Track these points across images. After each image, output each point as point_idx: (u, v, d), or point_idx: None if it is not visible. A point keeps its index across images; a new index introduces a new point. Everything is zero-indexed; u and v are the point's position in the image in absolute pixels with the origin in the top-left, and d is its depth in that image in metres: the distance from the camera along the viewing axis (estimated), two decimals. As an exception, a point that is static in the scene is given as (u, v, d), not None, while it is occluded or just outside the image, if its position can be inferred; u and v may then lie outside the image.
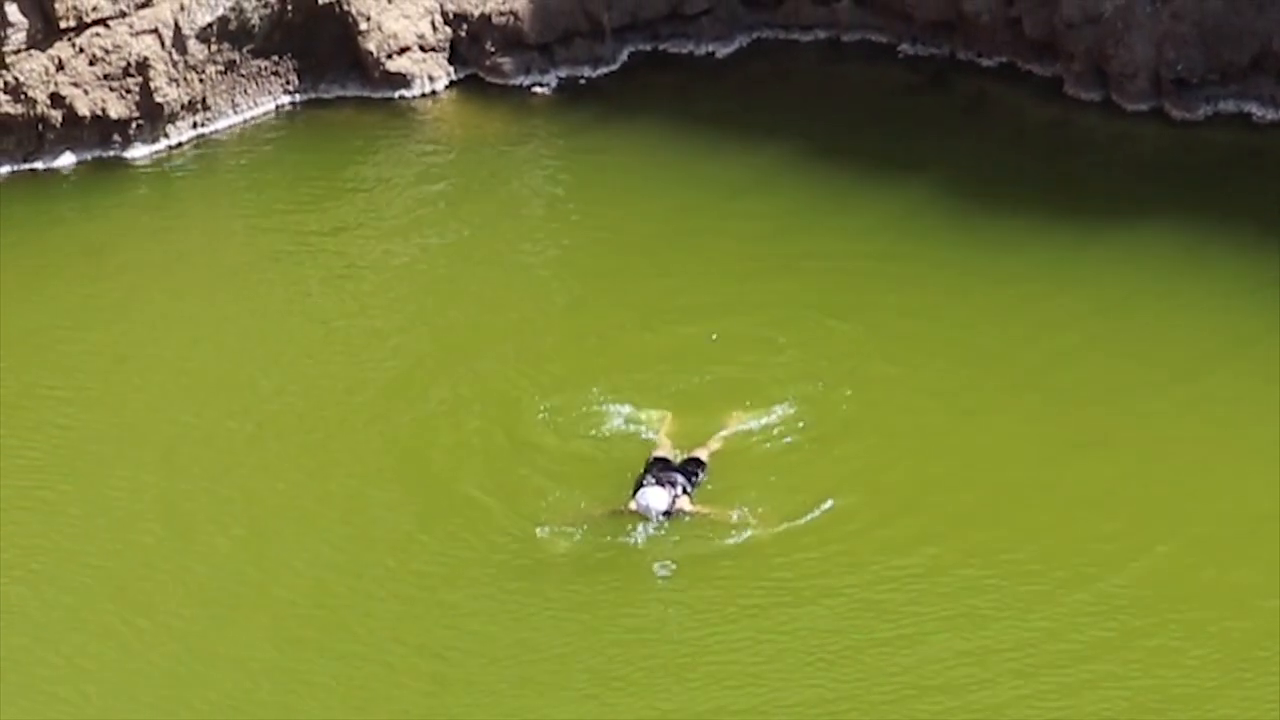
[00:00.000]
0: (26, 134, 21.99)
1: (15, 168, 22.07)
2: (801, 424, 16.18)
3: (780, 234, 20.04)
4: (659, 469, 14.60)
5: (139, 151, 22.56)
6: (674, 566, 14.48)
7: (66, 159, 22.29)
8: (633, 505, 14.38)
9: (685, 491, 14.46)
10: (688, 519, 14.47)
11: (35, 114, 21.86)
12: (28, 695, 14.00)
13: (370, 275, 19.84)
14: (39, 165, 22.17)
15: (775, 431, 16.05)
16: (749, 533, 14.57)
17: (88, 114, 22.05)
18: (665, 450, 15.00)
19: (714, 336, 17.72)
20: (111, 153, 22.43)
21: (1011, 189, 20.18)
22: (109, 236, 21.17)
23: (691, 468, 14.80)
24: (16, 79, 21.66)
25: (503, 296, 19.22)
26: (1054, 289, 18.47)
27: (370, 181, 22.11)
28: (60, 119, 21.98)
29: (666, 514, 14.30)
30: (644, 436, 15.80)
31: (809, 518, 14.82)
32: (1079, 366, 17.18)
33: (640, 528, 14.55)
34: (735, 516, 14.57)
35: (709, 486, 15.21)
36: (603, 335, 18.35)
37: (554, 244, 20.54)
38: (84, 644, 14.54)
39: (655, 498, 14.28)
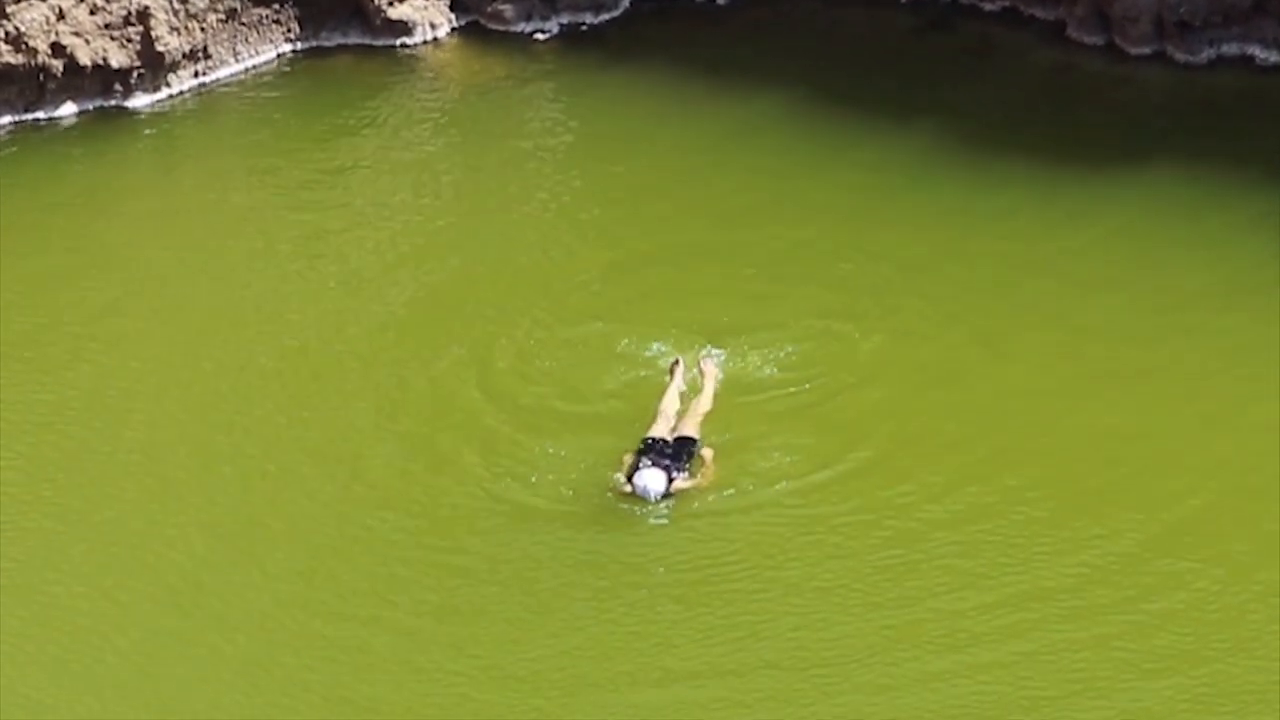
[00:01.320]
0: (28, 84, 21.90)
1: (17, 118, 22.00)
2: (814, 370, 16.21)
3: (782, 178, 20.02)
4: (654, 451, 14.56)
5: (140, 101, 22.49)
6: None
7: (68, 109, 22.22)
8: (628, 488, 14.39)
9: (680, 471, 14.43)
10: (682, 491, 14.45)
11: (36, 64, 21.76)
12: (38, 623, 14.02)
13: (372, 220, 19.79)
14: (40, 115, 22.09)
15: (777, 377, 16.11)
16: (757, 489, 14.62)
17: (89, 63, 21.97)
18: (661, 428, 14.87)
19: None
20: (113, 102, 22.37)
21: (1015, 133, 20.20)
22: (111, 185, 21.13)
23: (684, 446, 14.75)
24: (17, 28, 21.56)
25: (505, 240, 19.20)
26: (1058, 231, 18.48)
27: (371, 129, 22.04)
28: (61, 68, 21.88)
29: (665, 495, 14.31)
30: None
31: (817, 475, 14.77)
32: (1085, 306, 17.19)
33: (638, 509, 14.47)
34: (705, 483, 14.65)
35: (727, 436, 15.20)
36: (604, 278, 18.29)
37: (556, 188, 20.45)
38: (95, 576, 14.50)
39: (653, 480, 14.27)
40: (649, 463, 14.35)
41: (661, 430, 14.86)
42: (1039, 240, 18.40)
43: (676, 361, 15.80)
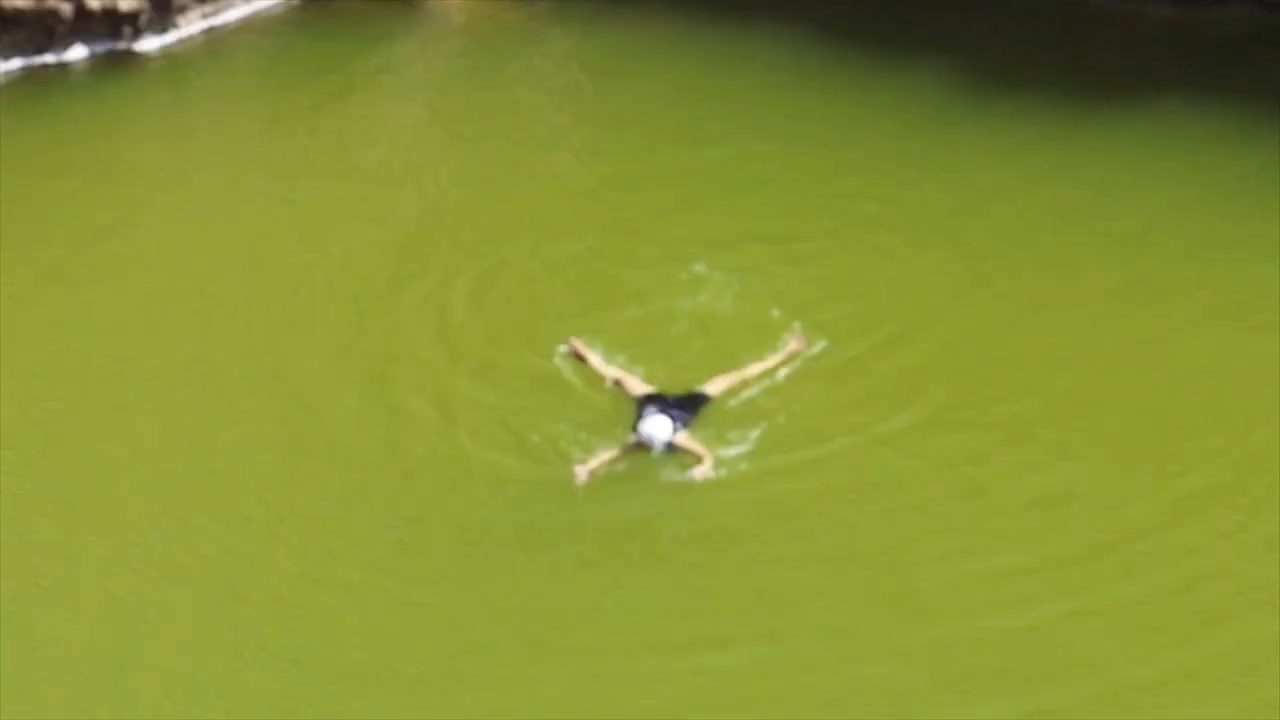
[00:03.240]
0: (37, 28, 21.90)
1: (27, 61, 22.01)
2: (835, 321, 15.85)
3: (793, 116, 20.00)
4: (657, 402, 14.13)
5: (149, 44, 22.53)
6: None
7: (77, 52, 22.24)
8: (633, 438, 13.91)
9: (685, 425, 13.97)
10: (683, 450, 13.96)
11: (45, 7, 21.77)
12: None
13: (378, 162, 19.77)
14: (50, 59, 22.12)
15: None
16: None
17: (98, 7, 21.98)
18: (642, 386, 14.46)
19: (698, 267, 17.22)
20: (122, 45, 22.40)
21: (1024, 69, 20.19)
22: (120, 127, 21.10)
23: (694, 400, 14.31)
24: (26, -27, 21.62)
25: (513, 184, 19.09)
26: (1068, 166, 18.45)
27: (379, 71, 22.10)
28: (70, 12, 21.90)
29: (669, 445, 13.89)
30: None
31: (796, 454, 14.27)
32: (1096, 243, 17.13)
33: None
34: (710, 464, 13.95)
35: (732, 403, 14.69)
36: (613, 231, 18.00)
37: (564, 130, 20.44)
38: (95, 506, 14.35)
39: (659, 427, 13.83)
40: (654, 410, 13.97)
41: (643, 388, 14.44)
42: (1048, 178, 18.35)
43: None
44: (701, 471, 13.86)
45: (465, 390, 15.21)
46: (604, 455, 13.98)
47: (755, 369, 14.92)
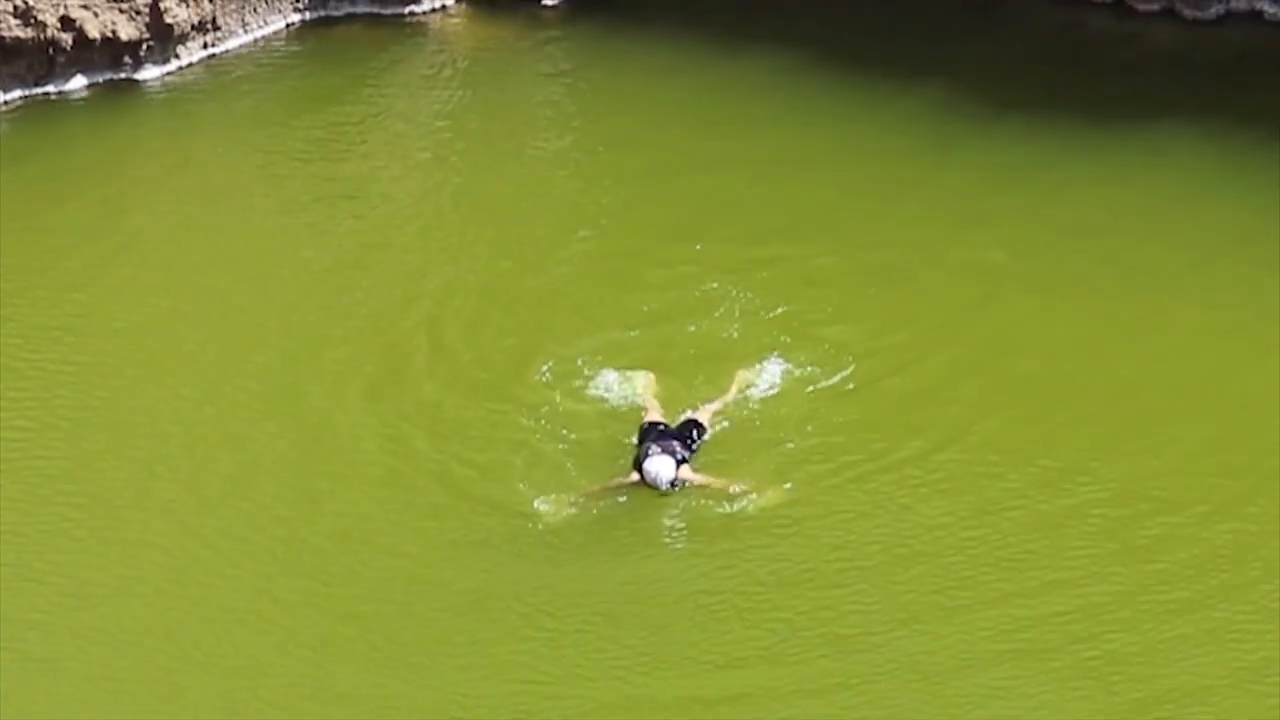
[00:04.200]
0: (37, 58, 21.87)
1: (27, 92, 21.97)
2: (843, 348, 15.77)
3: (792, 138, 20.03)
4: (658, 436, 13.73)
5: (150, 73, 22.50)
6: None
7: (78, 82, 22.21)
8: (635, 476, 13.58)
9: (684, 460, 13.57)
10: (691, 486, 13.69)
11: (46, 37, 21.72)
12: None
13: (380, 188, 19.75)
14: (50, 89, 22.06)
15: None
16: (750, 501, 13.72)
17: (98, 36, 21.94)
18: (656, 414, 14.24)
19: (698, 247, 17.50)
20: (123, 75, 22.37)
21: (1025, 90, 20.19)
22: (121, 157, 20.99)
23: (689, 431, 13.95)
24: (26, 2, 21.49)
25: (514, 207, 19.04)
26: (1071, 188, 18.46)
27: (381, 97, 22.02)
28: (70, 42, 21.86)
29: (673, 484, 13.46)
30: (630, 400, 14.97)
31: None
32: (1104, 263, 17.16)
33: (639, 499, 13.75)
34: (736, 489, 13.71)
35: (721, 457, 14.31)
36: (616, 254, 17.95)
37: (566, 154, 20.44)
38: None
39: (663, 466, 13.42)
40: (656, 450, 13.51)
41: (655, 416, 14.22)
42: (1049, 199, 18.38)
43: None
44: (687, 473, 13.64)
45: (460, 413, 15.17)
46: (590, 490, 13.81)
47: (733, 393, 14.78)
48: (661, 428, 13.98)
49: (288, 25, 23.29)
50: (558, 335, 16.24)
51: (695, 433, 14.04)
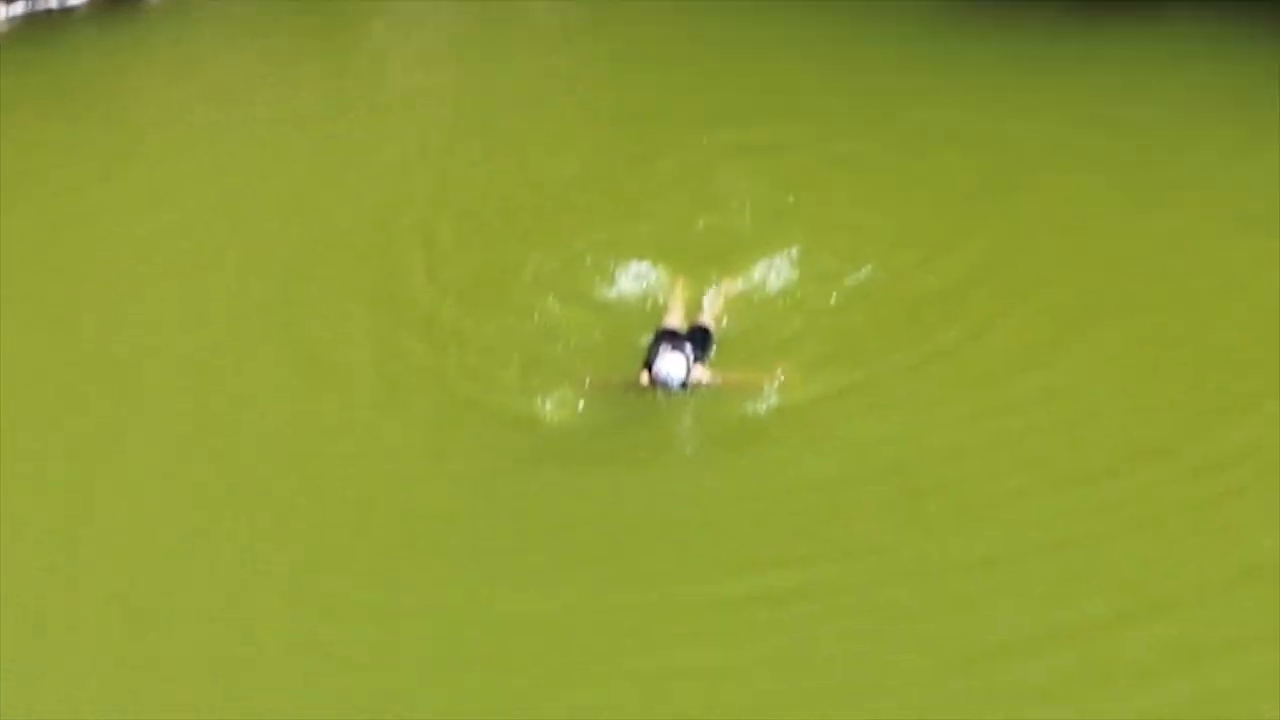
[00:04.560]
0: (38, -28, 21.83)
1: (30, 7, 21.89)
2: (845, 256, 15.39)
3: (798, 23, 20.02)
4: (670, 339, 13.38)
5: (152, -13, 22.42)
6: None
7: (80, -3, 22.17)
8: (646, 378, 13.14)
9: (697, 360, 13.35)
10: (705, 388, 13.34)
11: (46, -48, 21.69)
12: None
13: (383, 97, 19.76)
14: (53, 3, 22.00)
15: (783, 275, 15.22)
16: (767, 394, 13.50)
17: (99, -50, 21.88)
18: (675, 320, 13.93)
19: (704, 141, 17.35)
20: (126, -11, 22.30)
21: None
22: (124, 65, 21.06)
23: (700, 334, 13.66)
24: (26, -84, 21.45)
25: (513, 132, 18.75)
26: (1075, 83, 18.25)
27: (383, 18, 21.88)
28: (72, -44, 21.82)
29: (684, 385, 13.20)
30: (649, 295, 14.78)
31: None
32: (1108, 162, 16.80)
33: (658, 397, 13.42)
34: (767, 382, 13.40)
35: (739, 357, 14.04)
36: (612, 171, 17.60)
37: (564, 72, 20.31)
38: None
39: (673, 365, 13.03)
40: (666, 348, 13.17)
41: (674, 321, 13.92)
42: (1060, 84, 18.22)
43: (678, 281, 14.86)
44: (702, 374, 13.35)
45: (461, 319, 15.00)
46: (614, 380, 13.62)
47: (720, 299, 14.50)
48: (674, 334, 13.74)
49: (292, -68, 23.10)
50: (559, 236, 16.04)
51: (705, 336, 13.82)
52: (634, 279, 15.02)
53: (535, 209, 16.70)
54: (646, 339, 13.82)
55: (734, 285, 14.74)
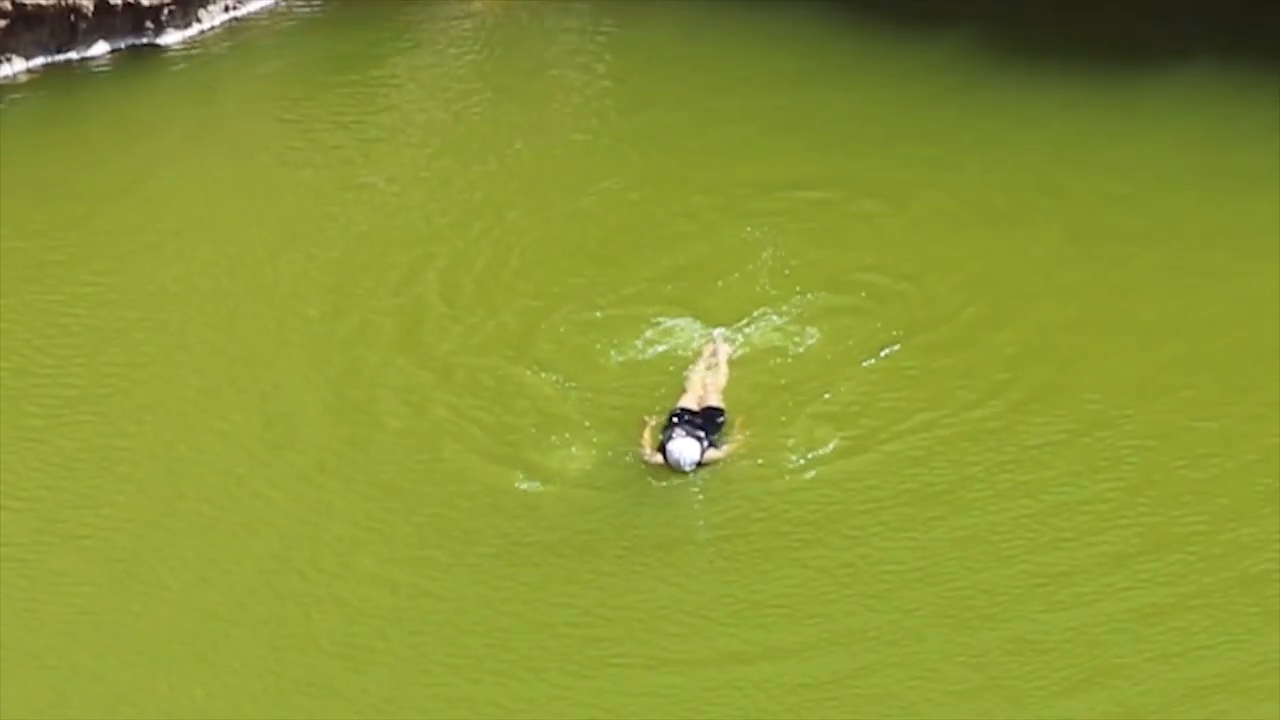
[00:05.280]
0: (59, 24, 21.95)
1: (49, 59, 22.05)
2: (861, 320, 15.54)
3: (815, 89, 20.11)
4: (685, 421, 13.77)
5: (172, 38, 22.58)
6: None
7: (100, 48, 22.29)
8: (659, 459, 13.58)
9: (711, 444, 13.63)
10: (714, 463, 13.66)
11: (67, 3, 21.79)
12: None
13: (402, 148, 19.77)
14: (73, 55, 22.16)
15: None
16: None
17: (119, 2, 22.01)
18: (691, 400, 14.20)
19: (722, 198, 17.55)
20: (144, 40, 22.46)
21: (1051, 37, 20.21)
22: (145, 120, 21.15)
23: (712, 416, 13.98)
24: (46, -31, 21.65)
25: (539, 166, 19.04)
26: (1097, 133, 18.45)
27: (403, 55, 22.12)
28: (92, 8, 21.94)
29: (698, 465, 13.52)
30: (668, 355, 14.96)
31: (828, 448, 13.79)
32: (1131, 206, 17.11)
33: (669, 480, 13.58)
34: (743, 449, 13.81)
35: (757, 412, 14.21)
36: (636, 224, 17.70)
37: (590, 111, 20.45)
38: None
39: (688, 449, 13.49)
40: (682, 432, 13.61)
41: (690, 401, 14.22)
42: (1078, 141, 18.35)
43: (709, 340, 15.16)
44: (713, 453, 13.66)
45: (478, 371, 15.14)
46: (648, 445, 13.84)
47: (723, 374, 14.67)
48: (689, 414, 14.02)
49: (309, -14, 23.39)
50: (581, 290, 16.26)
51: (717, 418, 14.10)
52: (655, 340, 15.27)
53: (556, 263, 16.90)
54: (661, 406, 14.11)
55: (735, 353, 14.98)
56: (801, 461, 13.72)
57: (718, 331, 15.31)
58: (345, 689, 11.95)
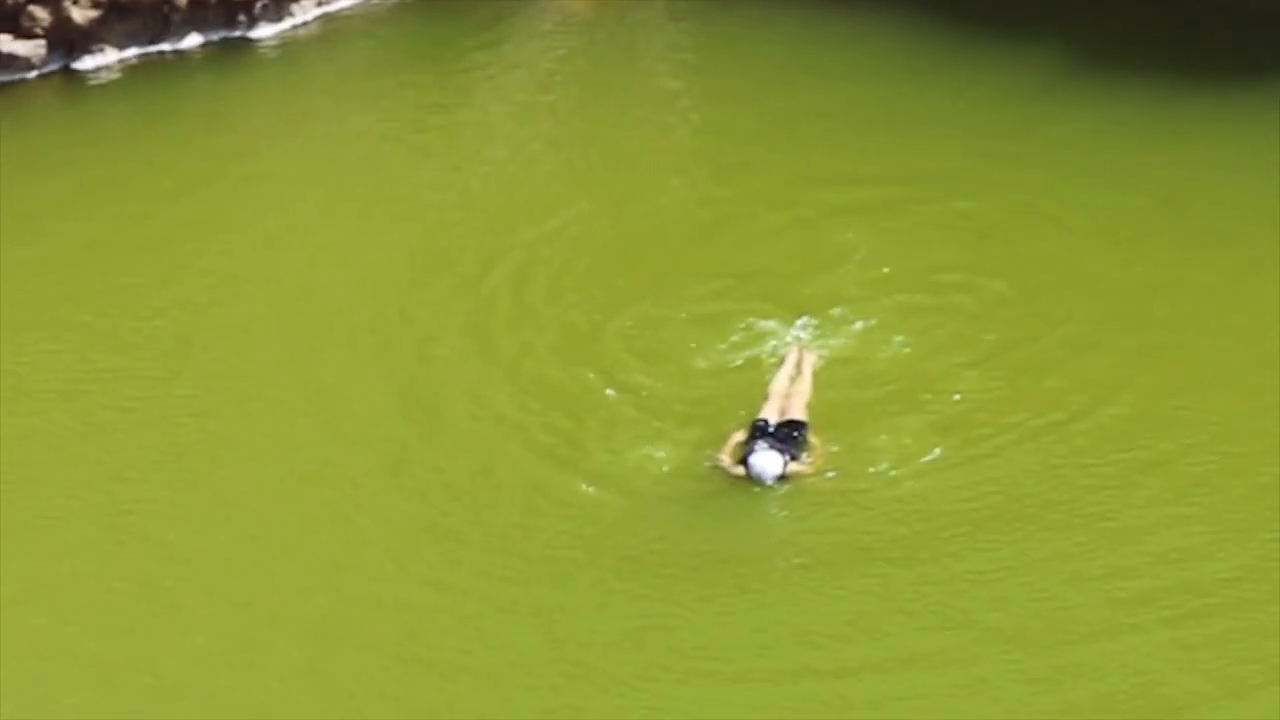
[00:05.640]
0: (152, 17, 21.98)
1: (142, 51, 22.10)
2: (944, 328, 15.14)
3: (906, 98, 19.74)
4: (767, 433, 13.51)
5: (264, 31, 22.57)
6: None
7: (192, 40, 22.31)
8: (740, 470, 13.31)
9: (793, 456, 13.34)
10: (795, 477, 13.32)
11: (161, -5, 21.88)
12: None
13: (490, 143, 19.68)
14: (166, 47, 22.19)
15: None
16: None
17: (213, -6, 22.07)
18: (772, 412, 13.86)
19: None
20: (237, 33, 22.44)
21: (1134, 50, 19.89)
22: (236, 109, 21.12)
23: (793, 429, 13.69)
24: (141, -39, 21.66)
25: (636, 184, 18.62)
26: (1190, 134, 18.16)
27: (495, 56, 22.03)
28: (186, 0, 21.91)
29: (781, 478, 13.23)
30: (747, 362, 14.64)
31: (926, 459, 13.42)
32: (1239, 208, 16.74)
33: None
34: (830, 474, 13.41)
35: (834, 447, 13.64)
36: (719, 228, 17.34)
37: (679, 104, 20.33)
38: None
39: (770, 462, 13.23)
40: (764, 445, 13.39)
41: (771, 413, 13.90)
42: (1169, 155, 17.94)
43: (791, 349, 14.81)
44: (796, 468, 13.34)
45: (550, 371, 14.85)
46: (727, 457, 13.53)
47: (806, 386, 14.32)
48: (772, 426, 13.71)
49: (402, -19, 23.26)
50: (661, 291, 15.92)
51: (797, 432, 13.75)
52: (737, 344, 14.93)
53: (635, 261, 16.65)
54: (744, 412, 13.74)
55: (820, 359, 14.65)
56: (886, 476, 13.33)
57: (801, 329, 14.99)
58: (405, 695, 11.66)
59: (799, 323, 15.06)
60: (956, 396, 14.12)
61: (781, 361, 14.62)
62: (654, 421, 14.01)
